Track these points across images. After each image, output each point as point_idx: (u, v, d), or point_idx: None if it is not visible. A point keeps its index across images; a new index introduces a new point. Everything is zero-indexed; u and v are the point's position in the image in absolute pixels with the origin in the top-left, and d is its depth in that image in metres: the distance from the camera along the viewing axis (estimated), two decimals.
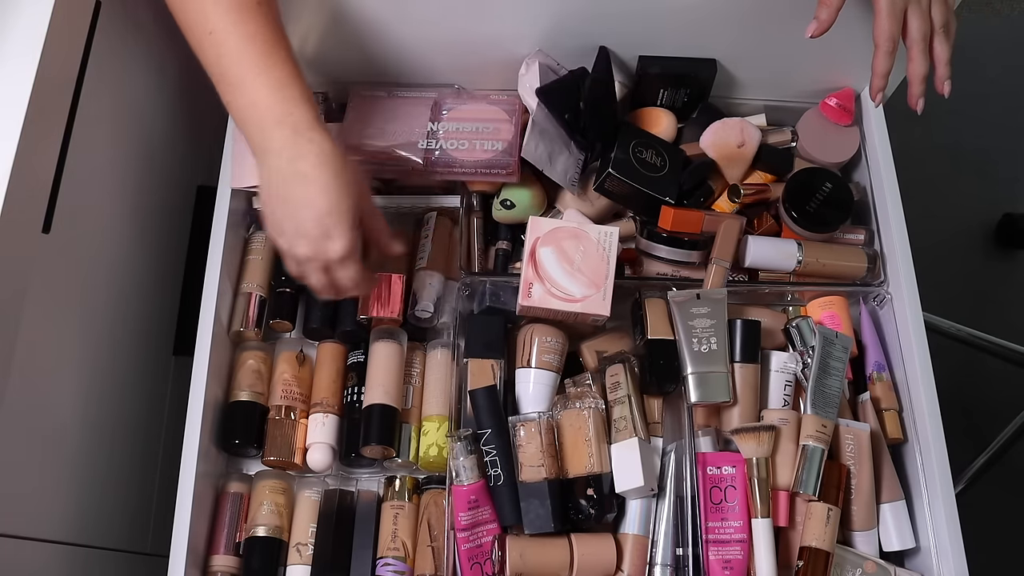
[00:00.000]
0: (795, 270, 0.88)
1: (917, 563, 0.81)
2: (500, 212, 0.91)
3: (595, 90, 0.85)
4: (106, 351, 0.90)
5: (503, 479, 0.76)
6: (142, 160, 0.97)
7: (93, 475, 0.88)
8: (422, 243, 0.90)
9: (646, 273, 0.89)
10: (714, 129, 0.91)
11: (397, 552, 0.80)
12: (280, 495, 0.83)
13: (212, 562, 0.81)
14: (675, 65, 0.90)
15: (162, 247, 1.03)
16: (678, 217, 0.85)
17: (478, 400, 0.79)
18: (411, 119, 0.90)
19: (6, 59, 0.72)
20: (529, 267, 0.79)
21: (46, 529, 0.80)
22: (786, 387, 0.82)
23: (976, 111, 1.79)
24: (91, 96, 0.81)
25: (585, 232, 0.80)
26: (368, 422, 0.83)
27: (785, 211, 0.89)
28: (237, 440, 0.84)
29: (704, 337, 0.80)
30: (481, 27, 0.86)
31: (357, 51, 0.89)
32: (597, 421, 0.77)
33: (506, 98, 0.91)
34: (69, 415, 0.84)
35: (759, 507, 0.75)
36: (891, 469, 0.82)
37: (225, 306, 0.87)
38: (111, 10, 0.84)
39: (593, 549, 0.76)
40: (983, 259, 1.72)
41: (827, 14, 0.71)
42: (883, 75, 0.75)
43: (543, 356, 0.81)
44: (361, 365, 0.87)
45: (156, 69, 0.98)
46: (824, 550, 0.75)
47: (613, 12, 0.84)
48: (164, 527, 0.78)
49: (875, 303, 0.90)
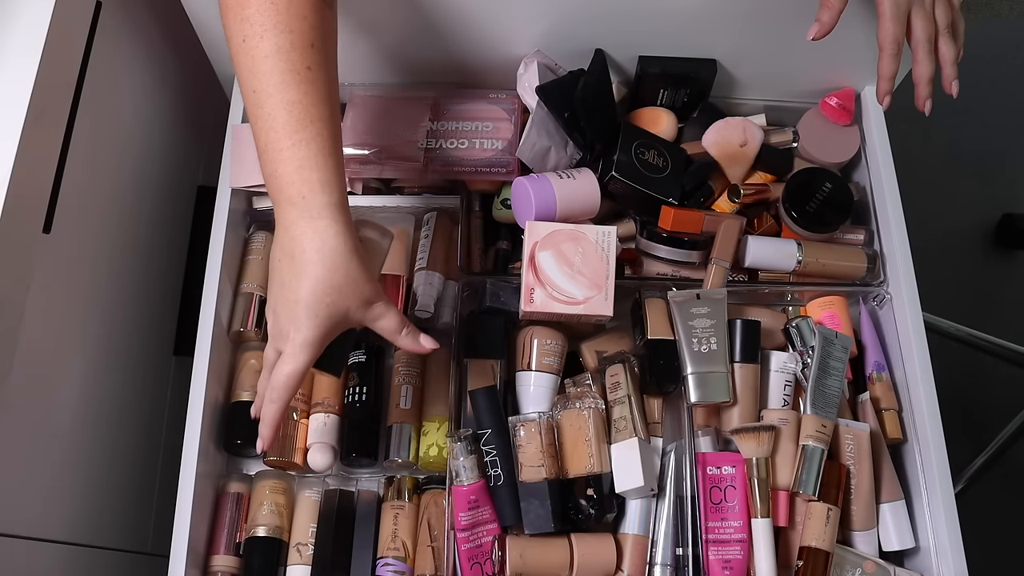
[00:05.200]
0: (795, 270, 0.88)
1: (917, 563, 0.81)
2: (500, 212, 0.91)
3: (587, 92, 0.85)
4: (106, 351, 0.90)
5: (503, 479, 0.76)
6: (142, 160, 0.97)
7: (93, 475, 0.88)
8: (422, 243, 0.90)
9: (646, 273, 0.89)
10: (716, 128, 0.91)
11: (397, 552, 0.80)
12: (280, 495, 0.83)
13: (212, 562, 0.81)
14: (675, 65, 0.90)
15: (162, 247, 1.03)
16: (678, 217, 0.85)
17: (478, 400, 0.79)
18: (411, 119, 0.90)
19: (6, 59, 0.72)
20: (529, 272, 0.79)
21: (46, 529, 0.80)
22: (786, 387, 0.82)
23: (976, 111, 1.79)
24: (91, 96, 0.81)
25: (583, 233, 0.80)
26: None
27: (785, 211, 0.89)
28: (239, 440, 0.84)
29: (704, 337, 0.80)
30: (481, 27, 0.86)
31: (357, 51, 0.89)
32: (597, 421, 0.77)
33: (505, 97, 0.91)
34: (70, 415, 0.84)
35: (759, 507, 0.75)
36: (891, 469, 0.82)
37: (225, 306, 0.87)
38: (111, 10, 0.84)
39: (593, 549, 0.76)
40: (983, 259, 1.72)
41: (829, 16, 0.71)
42: (889, 78, 0.75)
43: (543, 359, 0.81)
44: (362, 365, 0.87)
45: (156, 69, 0.98)
46: (824, 550, 0.75)
47: (613, 12, 0.84)
48: (164, 527, 0.78)
49: (875, 303, 0.90)
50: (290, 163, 0.63)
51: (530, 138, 0.86)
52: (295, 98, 0.63)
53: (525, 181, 0.83)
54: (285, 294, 0.64)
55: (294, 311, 0.64)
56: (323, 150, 0.64)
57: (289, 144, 0.63)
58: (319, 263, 0.63)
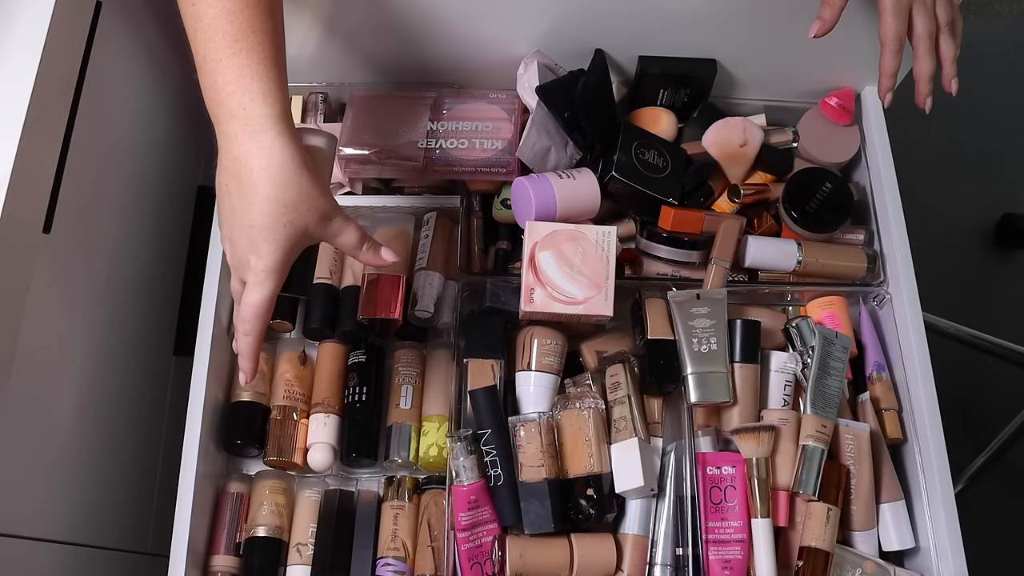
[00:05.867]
0: (795, 270, 0.88)
1: (917, 563, 0.81)
2: (500, 212, 0.91)
3: (587, 92, 0.85)
4: (106, 351, 0.90)
5: (503, 479, 0.76)
6: (142, 160, 0.97)
7: (93, 475, 0.88)
8: (422, 243, 0.90)
9: (646, 273, 0.89)
10: (717, 128, 0.91)
11: (397, 552, 0.80)
12: (280, 495, 0.83)
13: (212, 562, 0.81)
14: (675, 65, 0.90)
15: (162, 247, 1.03)
16: (678, 217, 0.85)
17: (478, 400, 0.79)
18: (411, 119, 0.90)
19: (6, 59, 0.72)
20: (529, 272, 0.79)
21: (46, 529, 0.80)
22: (786, 387, 0.82)
23: (976, 111, 1.79)
24: (91, 96, 0.81)
25: (583, 233, 0.80)
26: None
27: (785, 211, 0.89)
28: (239, 440, 0.84)
29: (704, 337, 0.80)
30: (481, 27, 0.86)
31: (357, 51, 0.89)
32: (597, 421, 0.77)
33: (505, 97, 0.91)
34: (69, 415, 0.84)
35: (759, 507, 0.75)
36: (891, 469, 0.82)
37: (225, 306, 0.87)
38: (111, 10, 0.84)
39: (593, 549, 0.76)
40: (983, 259, 1.72)
41: (830, 13, 0.71)
42: (891, 74, 0.75)
43: (543, 359, 0.81)
44: (362, 365, 0.87)
45: (156, 69, 0.98)
46: (824, 550, 0.75)
47: (613, 12, 0.84)
48: (164, 527, 0.78)
49: (875, 303, 0.90)
50: (229, 72, 0.60)
51: (530, 138, 0.86)
52: (236, 8, 0.61)
53: (525, 181, 0.83)
54: (239, 220, 0.61)
55: (251, 237, 0.61)
56: (265, 60, 0.61)
57: (229, 54, 0.60)
58: (268, 181, 0.60)
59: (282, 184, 0.61)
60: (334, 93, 0.95)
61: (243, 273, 0.64)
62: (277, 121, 0.61)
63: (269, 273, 0.62)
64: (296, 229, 0.62)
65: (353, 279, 0.90)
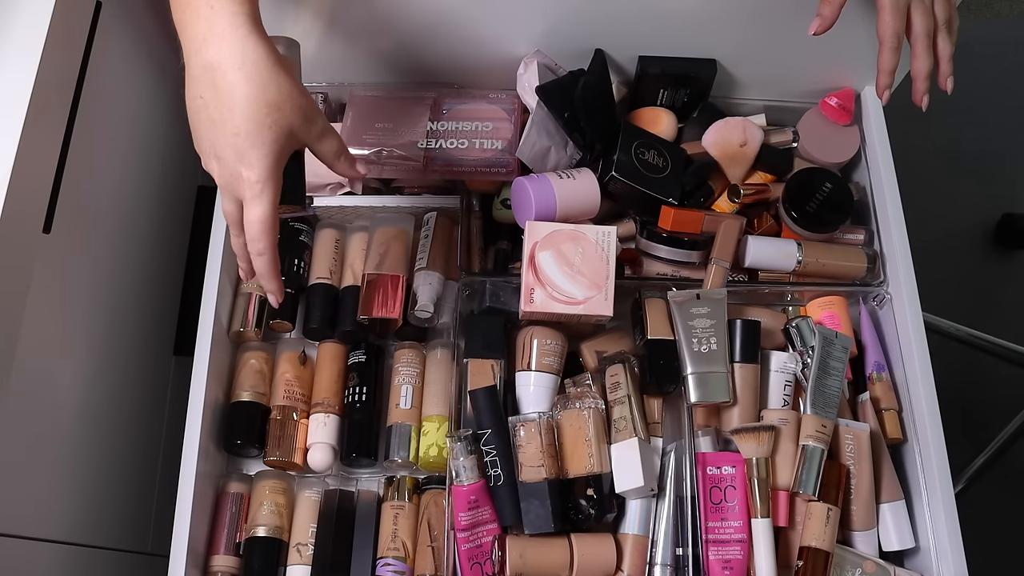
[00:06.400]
0: (795, 270, 0.88)
1: (917, 563, 0.81)
2: (500, 212, 0.91)
3: (587, 92, 0.85)
4: (106, 351, 0.90)
5: (503, 479, 0.76)
6: (142, 160, 0.97)
7: (93, 475, 0.88)
8: (422, 243, 0.90)
9: (646, 273, 0.89)
10: (716, 128, 0.91)
11: (397, 552, 0.80)
12: (280, 495, 0.83)
13: (212, 562, 0.81)
14: (675, 65, 0.90)
15: (162, 247, 1.03)
16: (678, 217, 0.85)
17: (478, 400, 0.79)
18: (411, 119, 0.90)
19: (6, 59, 0.72)
20: (529, 272, 0.79)
21: (46, 529, 0.80)
22: (786, 387, 0.82)
23: (976, 111, 1.79)
24: (91, 96, 0.81)
25: (583, 233, 0.80)
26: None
27: (785, 211, 0.89)
28: (239, 440, 0.84)
29: (704, 337, 0.80)
30: (481, 27, 0.86)
31: (357, 51, 0.89)
32: (597, 421, 0.77)
33: (505, 97, 0.91)
34: (70, 415, 0.84)
35: (759, 507, 0.75)
36: (891, 469, 0.82)
37: (225, 306, 0.87)
38: (111, 10, 0.84)
39: (593, 549, 0.76)
40: (983, 259, 1.72)
41: (830, 11, 0.71)
42: (889, 72, 0.75)
43: (543, 359, 0.81)
44: (362, 365, 0.87)
45: (156, 69, 0.98)
46: (824, 550, 0.75)
47: (613, 12, 0.84)
48: (164, 527, 0.78)
49: (875, 303, 0.90)
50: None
51: (530, 138, 0.86)
52: None
53: (525, 181, 0.83)
54: (221, 131, 0.58)
55: (238, 146, 0.58)
56: None
57: None
58: (247, 82, 0.57)
59: (260, 84, 0.57)
60: (334, 93, 0.95)
61: (237, 190, 0.60)
62: (247, 19, 0.58)
63: (265, 182, 0.59)
64: (282, 130, 0.59)
65: (353, 279, 0.90)
